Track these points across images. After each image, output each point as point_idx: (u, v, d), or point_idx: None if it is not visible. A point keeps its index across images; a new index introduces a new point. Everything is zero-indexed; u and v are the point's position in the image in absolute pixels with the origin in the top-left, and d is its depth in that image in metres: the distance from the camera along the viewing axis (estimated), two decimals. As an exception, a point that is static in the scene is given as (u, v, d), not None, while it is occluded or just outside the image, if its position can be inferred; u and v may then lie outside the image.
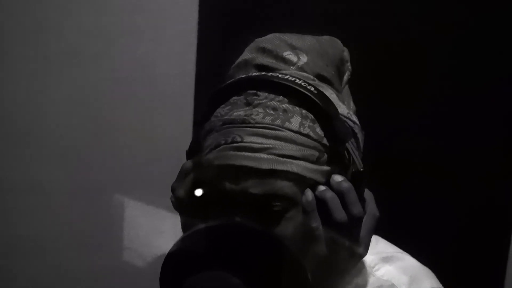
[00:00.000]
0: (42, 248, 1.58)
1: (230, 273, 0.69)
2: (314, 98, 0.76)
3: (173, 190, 0.83)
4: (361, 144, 0.83)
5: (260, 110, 0.76)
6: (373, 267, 0.90)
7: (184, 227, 0.82)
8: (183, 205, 0.81)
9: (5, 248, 1.57)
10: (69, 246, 1.59)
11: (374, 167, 0.83)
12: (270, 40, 0.85)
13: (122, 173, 1.57)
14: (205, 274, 0.69)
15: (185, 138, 0.86)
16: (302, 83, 0.77)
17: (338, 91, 0.83)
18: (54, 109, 1.53)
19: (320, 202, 0.75)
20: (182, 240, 0.73)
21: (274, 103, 0.76)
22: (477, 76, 1.58)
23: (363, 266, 0.87)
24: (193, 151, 0.84)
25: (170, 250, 0.73)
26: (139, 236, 1.54)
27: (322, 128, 0.76)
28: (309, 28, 0.89)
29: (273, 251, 0.71)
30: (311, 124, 0.76)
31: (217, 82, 0.81)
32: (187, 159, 0.84)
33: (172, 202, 0.83)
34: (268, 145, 0.74)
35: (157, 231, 1.38)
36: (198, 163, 0.81)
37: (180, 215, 0.83)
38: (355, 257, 0.78)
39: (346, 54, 0.89)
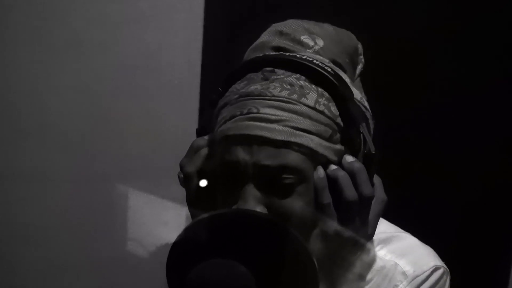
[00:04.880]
0: (45, 238, 1.58)
1: (236, 261, 0.69)
2: (331, 78, 0.77)
3: (181, 166, 0.83)
4: (372, 132, 0.84)
5: (277, 84, 0.77)
6: (375, 247, 0.91)
7: (191, 212, 0.83)
8: (192, 181, 0.81)
9: (9, 238, 1.56)
10: (73, 236, 1.59)
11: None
12: (288, 24, 0.87)
13: (126, 163, 1.57)
14: (211, 262, 0.69)
15: (191, 128, 0.86)
16: (320, 64, 0.79)
17: (351, 80, 0.84)
18: (59, 98, 1.53)
19: (331, 180, 0.76)
20: (187, 229, 0.73)
21: (291, 79, 0.77)
22: (477, 76, 1.58)
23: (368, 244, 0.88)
24: (203, 129, 0.84)
25: (176, 239, 0.73)
26: (143, 227, 1.54)
27: (337, 108, 0.77)
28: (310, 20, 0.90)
29: (279, 238, 0.71)
30: (326, 102, 0.77)
31: (224, 71, 0.82)
32: (197, 137, 0.85)
33: (179, 178, 0.83)
34: (284, 118, 0.75)
35: (161, 221, 1.37)
36: (211, 139, 0.82)
37: (187, 193, 0.83)
38: (362, 239, 0.78)
39: (360, 47, 0.91)
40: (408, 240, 0.96)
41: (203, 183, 0.81)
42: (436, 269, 0.92)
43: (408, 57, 1.58)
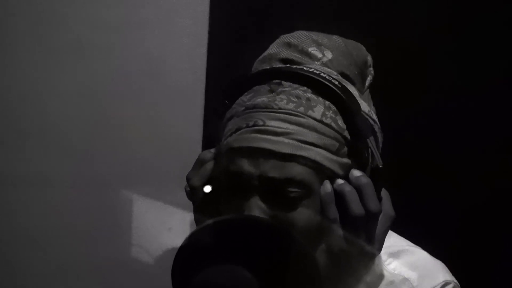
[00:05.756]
0: (49, 244, 1.57)
1: (241, 266, 0.69)
2: (338, 91, 0.76)
3: (188, 179, 0.83)
4: (380, 145, 0.83)
5: (284, 97, 0.76)
6: (385, 261, 0.90)
7: (197, 221, 0.82)
8: (198, 194, 0.81)
9: (12, 243, 1.56)
10: (76, 242, 1.58)
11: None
12: (296, 35, 0.86)
13: (130, 168, 1.56)
14: (216, 268, 0.69)
15: (195, 134, 0.86)
16: (327, 77, 0.78)
17: (360, 92, 0.84)
18: (62, 103, 1.53)
19: (338, 195, 0.75)
20: (193, 234, 0.72)
21: (298, 91, 0.77)
22: (477, 76, 1.58)
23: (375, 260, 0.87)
24: (210, 142, 0.84)
25: (181, 244, 0.72)
26: (148, 232, 1.53)
27: (344, 121, 0.76)
28: (312, 25, 0.90)
29: (284, 244, 0.71)
30: (333, 115, 0.76)
31: (228, 76, 0.81)
32: (204, 149, 0.84)
33: (186, 191, 0.83)
34: (290, 130, 0.74)
35: (165, 227, 1.37)
36: (217, 152, 0.81)
37: (194, 206, 0.83)
38: (368, 255, 0.77)
39: (369, 58, 0.90)
40: (418, 254, 0.95)
41: (207, 188, 0.81)
42: (446, 284, 0.91)
43: (408, 57, 1.58)
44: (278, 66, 0.82)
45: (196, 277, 0.69)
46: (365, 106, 0.81)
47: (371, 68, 0.89)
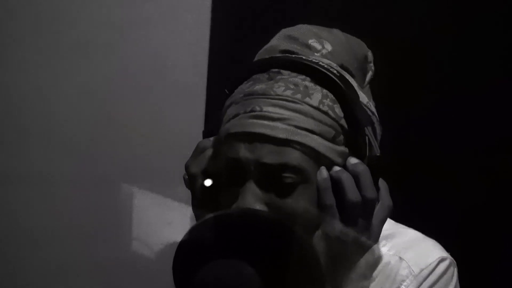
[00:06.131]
0: (50, 240, 1.57)
1: (242, 261, 0.69)
2: (336, 80, 0.77)
3: (186, 167, 0.83)
4: (378, 137, 0.84)
5: (282, 84, 0.77)
6: (379, 243, 0.90)
7: (197, 216, 0.82)
8: (196, 182, 0.81)
9: (14, 240, 1.56)
10: (78, 238, 1.59)
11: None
12: (297, 28, 0.88)
13: (131, 164, 1.57)
14: (218, 263, 0.69)
15: (196, 129, 0.86)
16: (325, 66, 0.78)
17: (359, 85, 0.84)
18: (64, 100, 1.53)
19: (335, 182, 0.75)
20: (193, 229, 0.72)
21: (296, 79, 0.77)
22: (477, 76, 1.58)
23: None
24: (210, 131, 0.84)
25: (182, 239, 0.72)
26: (149, 227, 1.54)
27: (342, 110, 0.77)
28: (313, 23, 0.90)
29: (285, 238, 0.71)
30: (330, 103, 0.77)
31: (230, 72, 0.82)
32: (203, 138, 0.85)
33: (184, 180, 0.83)
34: (286, 116, 0.75)
35: (166, 222, 1.37)
36: (216, 140, 0.82)
37: (192, 195, 0.83)
38: (365, 245, 0.77)
39: (370, 54, 0.91)
40: (411, 235, 0.96)
41: (207, 182, 0.81)
42: (441, 260, 0.91)
43: (408, 57, 1.58)
44: (277, 55, 0.83)
45: (197, 273, 0.69)
46: (364, 98, 0.82)
47: (372, 64, 0.90)
